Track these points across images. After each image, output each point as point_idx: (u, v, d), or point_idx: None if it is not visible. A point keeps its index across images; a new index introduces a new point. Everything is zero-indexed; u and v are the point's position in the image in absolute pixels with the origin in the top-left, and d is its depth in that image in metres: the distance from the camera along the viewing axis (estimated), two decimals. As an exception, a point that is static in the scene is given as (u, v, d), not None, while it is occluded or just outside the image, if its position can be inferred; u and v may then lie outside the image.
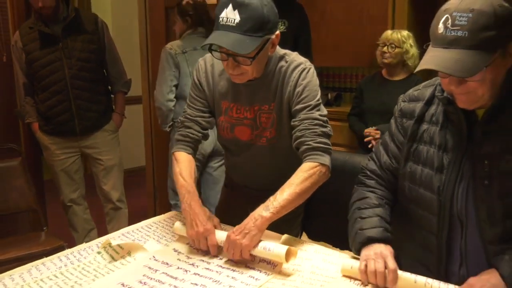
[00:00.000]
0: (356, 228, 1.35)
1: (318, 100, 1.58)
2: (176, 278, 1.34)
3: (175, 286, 1.30)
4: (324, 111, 1.59)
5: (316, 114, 1.55)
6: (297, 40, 3.14)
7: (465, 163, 1.22)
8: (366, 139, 3.00)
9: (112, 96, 3.05)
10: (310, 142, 1.52)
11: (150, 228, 1.70)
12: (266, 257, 1.37)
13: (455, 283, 1.17)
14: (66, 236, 2.88)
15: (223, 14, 1.43)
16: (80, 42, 2.75)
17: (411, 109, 1.36)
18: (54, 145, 2.86)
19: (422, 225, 1.32)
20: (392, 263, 1.21)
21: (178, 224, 1.58)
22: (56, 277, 1.37)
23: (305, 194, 1.49)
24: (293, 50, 1.69)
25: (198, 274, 1.36)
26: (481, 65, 1.06)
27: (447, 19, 1.09)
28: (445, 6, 1.11)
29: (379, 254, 1.24)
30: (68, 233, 3.01)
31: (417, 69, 1.15)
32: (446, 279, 1.23)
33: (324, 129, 1.55)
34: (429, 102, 1.32)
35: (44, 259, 1.48)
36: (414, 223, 1.37)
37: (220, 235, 1.45)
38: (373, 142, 2.89)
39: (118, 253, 1.47)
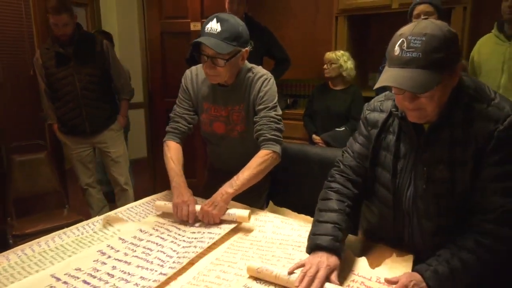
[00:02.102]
0: (311, 231, 1.17)
1: (275, 103, 1.60)
2: (162, 238, 1.36)
3: (161, 241, 1.34)
4: (279, 111, 1.62)
5: (272, 113, 1.58)
6: (272, 52, 3.13)
7: (413, 169, 1.12)
8: (314, 141, 3.07)
9: (117, 101, 3.00)
10: (266, 134, 1.55)
11: (150, 204, 1.69)
12: (231, 219, 1.42)
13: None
14: (84, 212, 2.84)
15: (208, 26, 1.46)
16: (88, 60, 2.69)
17: (375, 119, 1.22)
18: (70, 142, 2.81)
19: (383, 217, 1.23)
20: (322, 274, 1.02)
21: (158, 203, 1.58)
22: (74, 242, 1.35)
23: (260, 174, 1.53)
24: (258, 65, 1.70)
25: (179, 235, 1.39)
26: (433, 83, 0.95)
27: (402, 42, 0.97)
28: (400, 32, 1.00)
29: (317, 263, 1.05)
30: (86, 210, 2.96)
31: (376, 86, 1.02)
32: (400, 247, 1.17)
33: (278, 125, 1.58)
34: (389, 115, 1.19)
35: (65, 229, 1.46)
36: (376, 214, 1.27)
37: (197, 207, 1.47)
38: (320, 145, 2.94)
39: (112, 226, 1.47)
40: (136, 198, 2.23)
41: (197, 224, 1.45)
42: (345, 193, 1.24)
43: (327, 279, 1.02)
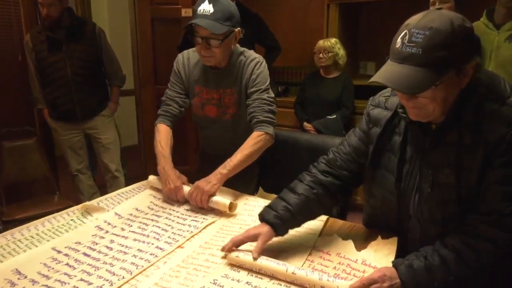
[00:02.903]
0: (269, 203, 1.18)
1: (267, 85, 1.60)
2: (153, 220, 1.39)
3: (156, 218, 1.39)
4: (272, 94, 1.62)
5: (265, 95, 1.58)
6: (263, 40, 3.11)
7: (419, 173, 1.05)
8: (305, 128, 3.08)
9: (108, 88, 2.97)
10: (259, 116, 1.55)
11: (140, 189, 1.69)
12: (216, 207, 1.42)
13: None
14: (74, 199, 2.81)
15: (200, 7, 1.46)
16: (80, 45, 2.65)
17: (378, 117, 1.13)
18: (60, 128, 2.79)
19: (387, 220, 1.14)
20: (260, 244, 1.06)
21: (151, 178, 1.62)
22: (64, 225, 1.36)
23: (254, 155, 1.53)
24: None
25: (171, 215, 1.41)
26: (429, 83, 0.87)
27: (405, 34, 0.88)
28: (407, 22, 0.91)
29: (254, 235, 1.10)
30: (76, 197, 2.94)
31: (370, 80, 0.94)
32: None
33: (270, 107, 1.58)
34: (395, 113, 1.09)
35: (55, 214, 1.46)
36: (379, 215, 1.20)
37: (186, 189, 1.48)
38: (311, 133, 2.95)
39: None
40: (127, 185, 2.22)
41: (187, 207, 1.47)
42: (321, 180, 1.18)
43: (259, 250, 1.06)
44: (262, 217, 1.15)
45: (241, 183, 1.62)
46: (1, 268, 1.09)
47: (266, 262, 1.04)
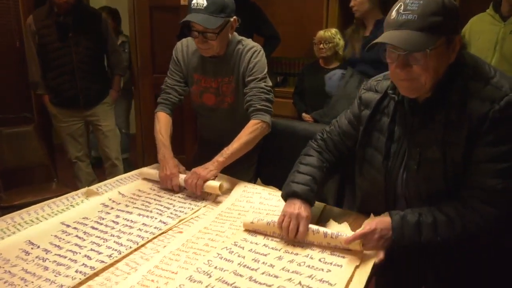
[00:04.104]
0: (290, 179, 1.22)
1: (264, 74, 1.60)
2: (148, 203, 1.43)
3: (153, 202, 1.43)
4: (269, 82, 1.62)
5: (262, 84, 1.59)
6: (261, 30, 3.09)
7: (407, 151, 1.10)
8: (303, 119, 3.07)
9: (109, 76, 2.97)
10: (256, 105, 1.56)
11: (139, 176, 1.69)
12: (208, 191, 1.45)
13: None
14: (72, 186, 2.81)
15: (194, 1, 1.45)
16: (87, 34, 2.65)
17: (369, 100, 1.18)
18: (61, 115, 2.77)
19: (373, 197, 1.19)
20: (304, 227, 1.09)
21: (144, 169, 1.65)
22: (63, 210, 1.37)
23: (251, 143, 1.55)
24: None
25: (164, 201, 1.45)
26: (426, 44, 0.93)
27: (400, 6, 0.96)
28: None
29: (296, 216, 1.10)
30: (74, 184, 2.94)
31: (368, 47, 0.99)
32: None
33: (267, 96, 1.59)
34: (385, 96, 1.15)
35: (54, 199, 1.46)
36: (365, 193, 1.25)
37: (183, 178, 1.50)
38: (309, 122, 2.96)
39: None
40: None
41: (177, 198, 1.48)
42: (325, 156, 1.27)
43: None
44: (294, 193, 1.17)
45: (239, 170, 1.63)
46: (15, 239, 1.16)
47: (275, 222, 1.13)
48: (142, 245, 1.15)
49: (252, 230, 1.18)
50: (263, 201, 1.40)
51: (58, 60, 2.62)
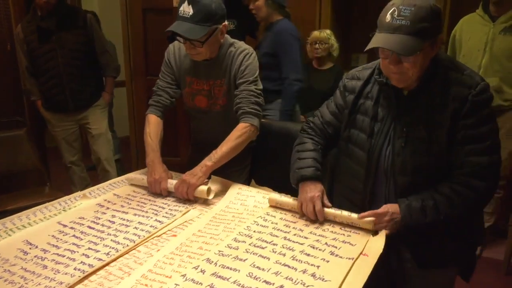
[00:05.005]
0: (295, 167, 1.34)
1: (255, 77, 1.60)
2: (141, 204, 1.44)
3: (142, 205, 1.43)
4: (260, 86, 1.62)
5: (253, 87, 1.58)
6: (253, 31, 3.09)
7: (392, 130, 1.22)
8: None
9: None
10: (245, 108, 1.56)
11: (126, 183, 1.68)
12: (199, 196, 1.45)
13: None
14: (66, 190, 2.78)
15: (181, 8, 1.45)
16: (71, 35, 2.59)
17: (353, 86, 1.32)
18: (54, 120, 2.74)
19: (353, 174, 1.31)
20: (318, 206, 1.22)
21: (130, 175, 1.62)
22: (55, 215, 1.35)
23: (239, 147, 1.55)
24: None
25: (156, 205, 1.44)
26: (418, 48, 1.07)
27: (394, 10, 1.08)
28: (392, 1, 1.11)
29: (309, 199, 1.24)
30: (68, 188, 2.91)
31: (368, 47, 1.12)
32: None
33: (257, 99, 1.58)
34: (367, 82, 1.30)
35: (47, 204, 1.45)
36: (345, 171, 1.37)
37: (172, 182, 1.49)
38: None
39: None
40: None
41: (172, 198, 1.48)
42: (316, 139, 1.40)
43: (323, 205, 1.24)
44: (303, 177, 1.30)
45: (232, 172, 1.63)
46: (13, 239, 1.18)
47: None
48: (139, 243, 1.16)
49: (276, 206, 1.33)
50: (257, 204, 1.40)
51: (45, 64, 2.58)
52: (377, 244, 1.11)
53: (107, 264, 1.06)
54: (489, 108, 1.16)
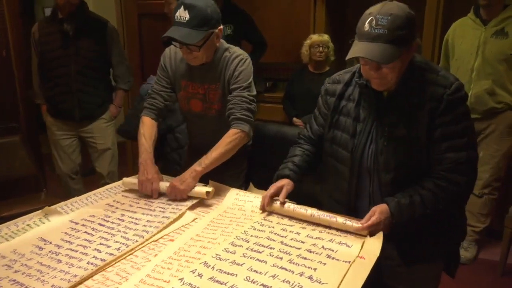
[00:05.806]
0: (281, 168, 1.44)
1: (249, 83, 1.61)
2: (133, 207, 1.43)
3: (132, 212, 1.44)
4: (253, 92, 1.63)
5: (245, 93, 1.59)
6: (249, 36, 3.09)
7: (374, 130, 1.27)
8: (295, 124, 3.08)
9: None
10: (236, 114, 1.56)
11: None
12: (193, 195, 1.48)
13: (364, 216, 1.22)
14: (62, 196, 2.73)
15: (177, 13, 1.45)
16: (88, 43, 2.48)
17: (334, 89, 1.37)
18: (55, 127, 2.65)
19: (338, 173, 1.35)
20: (283, 194, 1.32)
21: (125, 179, 1.62)
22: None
23: (229, 153, 1.55)
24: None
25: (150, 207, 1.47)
26: (396, 55, 1.11)
27: (371, 20, 1.12)
28: (369, 11, 1.15)
29: (275, 186, 1.35)
30: (64, 194, 2.89)
31: (348, 56, 1.16)
32: (355, 214, 1.29)
33: (249, 106, 1.59)
34: (347, 84, 1.35)
35: (45, 209, 1.44)
36: (330, 171, 1.40)
37: (163, 184, 1.51)
38: (300, 127, 2.97)
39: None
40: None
41: (163, 199, 1.50)
42: (306, 147, 1.47)
43: (274, 196, 1.34)
44: (280, 175, 1.40)
45: (229, 176, 1.64)
46: (27, 236, 1.25)
47: (292, 207, 1.31)
48: (140, 244, 1.20)
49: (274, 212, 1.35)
50: (254, 209, 1.40)
51: (56, 70, 2.48)
52: (374, 246, 1.13)
53: (99, 276, 1.06)
54: (464, 107, 1.22)
